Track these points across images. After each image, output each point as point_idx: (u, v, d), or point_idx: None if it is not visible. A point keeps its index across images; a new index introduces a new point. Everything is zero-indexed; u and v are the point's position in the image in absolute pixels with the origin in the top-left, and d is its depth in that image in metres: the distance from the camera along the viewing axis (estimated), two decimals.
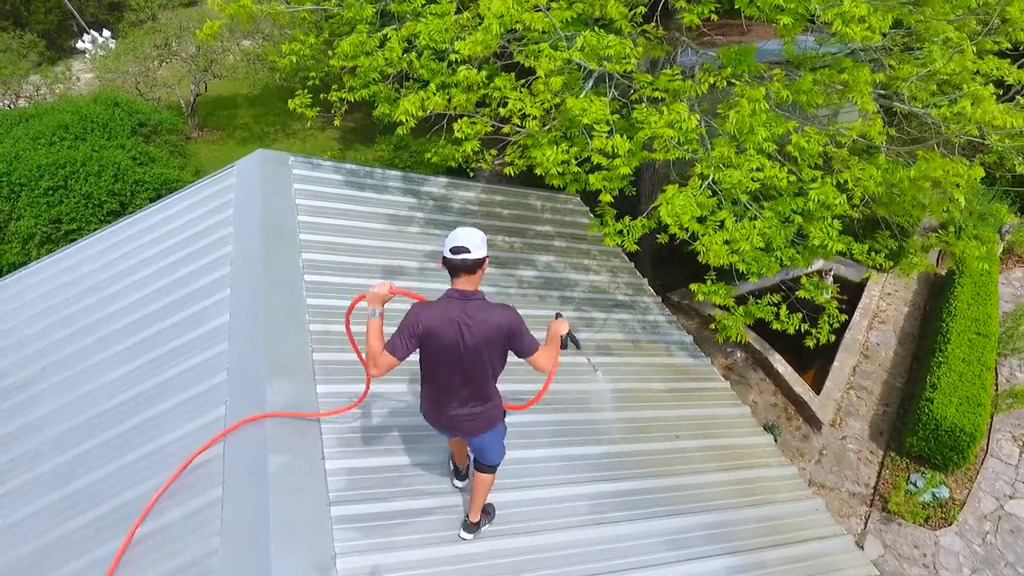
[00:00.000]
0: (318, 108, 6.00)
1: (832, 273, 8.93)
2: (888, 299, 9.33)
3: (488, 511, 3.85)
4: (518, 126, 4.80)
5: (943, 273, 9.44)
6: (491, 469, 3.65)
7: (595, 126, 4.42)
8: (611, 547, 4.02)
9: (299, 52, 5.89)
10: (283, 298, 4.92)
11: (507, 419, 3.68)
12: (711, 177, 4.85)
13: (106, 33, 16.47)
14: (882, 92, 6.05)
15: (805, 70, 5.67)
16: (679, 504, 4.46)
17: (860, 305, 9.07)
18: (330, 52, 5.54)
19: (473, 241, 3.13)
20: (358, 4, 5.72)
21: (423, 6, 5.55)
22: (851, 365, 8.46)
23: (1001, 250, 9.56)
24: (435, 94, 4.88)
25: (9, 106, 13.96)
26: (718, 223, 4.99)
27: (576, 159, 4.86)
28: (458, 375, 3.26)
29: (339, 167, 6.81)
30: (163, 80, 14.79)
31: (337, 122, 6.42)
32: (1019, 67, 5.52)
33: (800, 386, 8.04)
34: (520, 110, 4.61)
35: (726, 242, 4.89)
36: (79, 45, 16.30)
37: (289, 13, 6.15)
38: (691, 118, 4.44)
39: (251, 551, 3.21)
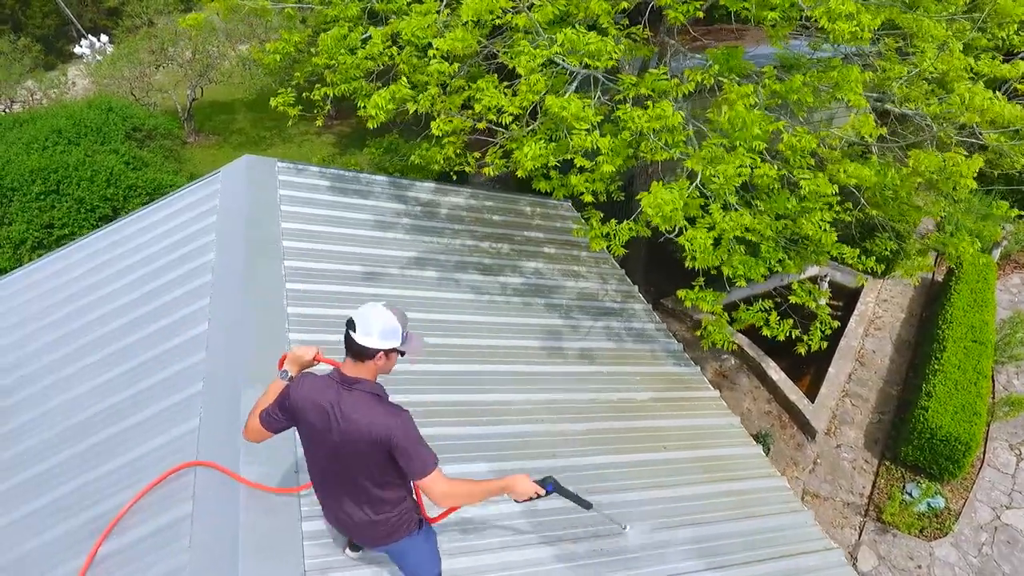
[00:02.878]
0: (300, 107, 5.95)
1: (827, 279, 8.83)
2: (884, 305, 9.23)
3: None
4: (493, 122, 4.70)
5: (940, 279, 9.34)
6: None
7: (575, 123, 4.32)
8: (595, 562, 3.93)
9: (283, 51, 5.84)
10: (264, 307, 4.85)
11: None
12: (700, 175, 4.73)
13: (104, 38, 16.48)
14: (873, 94, 5.98)
15: (796, 73, 5.60)
16: (665, 517, 4.36)
17: (856, 311, 8.97)
18: (312, 50, 5.49)
19: (371, 321, 2.39)
20: (342, 2, 5.68)
21: (408, 4, 5.50)
22: (846, 372, 8.36)
23: (998, 255, 9.44)
24: (406, 87, 4.79)
25: (4, 111, 13.95)
26: (707, 226, 4.90)
27: (558, 161, 4.77)
28: (338, 469, 2.65)
29: (325, 172, 6.74)
30: (159, 85, 14.80)
31: (319, 122, 6.36)
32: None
33: (794, 393, 7.94)
34: (496, 106, 4.50)
35: (712, 232, 4.71)
36: (77, 50, 16.33)
37: (278, 13, 6.11)
38: (676, 115, 4.35)
39: (219, 567, 3.13)
